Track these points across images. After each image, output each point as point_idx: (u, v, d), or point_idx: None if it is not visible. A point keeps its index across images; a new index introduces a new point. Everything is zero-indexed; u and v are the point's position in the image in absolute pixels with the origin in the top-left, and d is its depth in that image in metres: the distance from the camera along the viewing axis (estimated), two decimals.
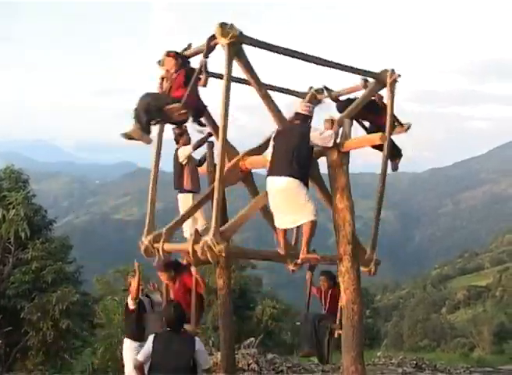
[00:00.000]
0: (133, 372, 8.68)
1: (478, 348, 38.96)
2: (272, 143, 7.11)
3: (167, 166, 8.89)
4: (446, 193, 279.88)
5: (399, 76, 7.92)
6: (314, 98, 8.57)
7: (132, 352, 8.75)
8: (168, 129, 8.27)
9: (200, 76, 7.05)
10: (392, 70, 7.92)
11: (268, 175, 6.96)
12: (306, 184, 6.86)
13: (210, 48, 7.03)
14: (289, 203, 6.79)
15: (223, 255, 6.35)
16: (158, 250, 7.66)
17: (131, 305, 8.85)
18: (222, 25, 6.57)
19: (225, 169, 7.40)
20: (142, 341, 8.86)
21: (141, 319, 8.88)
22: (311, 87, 9.05)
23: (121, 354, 14.62)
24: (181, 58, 7.55)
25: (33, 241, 18.38)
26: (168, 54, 7.58)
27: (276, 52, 7.19)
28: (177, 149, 8.43)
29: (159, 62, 7.91)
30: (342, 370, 7.37)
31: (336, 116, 7.65)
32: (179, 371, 6.11)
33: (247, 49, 6.91)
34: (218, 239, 6.40)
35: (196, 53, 7.59)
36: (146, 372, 6.25)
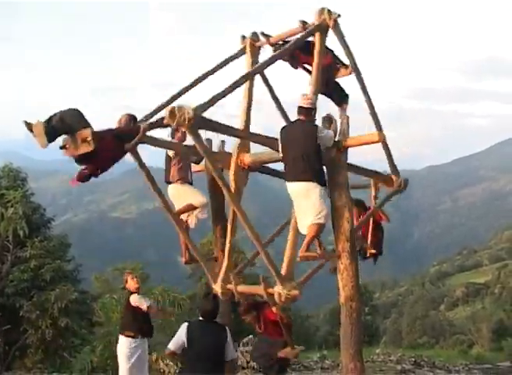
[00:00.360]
0: (127, 371, 8.82)
1: (476, 345, 39.05)
2: (279, 141, 7.12)
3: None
4: (444, 190, 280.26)
5: (338, 15, 7.56)
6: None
7: (128, 349, 8.82)
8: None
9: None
10: (329, 11, 7.55)
11: (286, 180, 7.08)
12: (322, 183, 6.94)
13: (162, 125, 6.97)
14: (307, 205, 6.88)
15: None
16: (233, 292, 7.80)
17: (141, 304, 8.87)
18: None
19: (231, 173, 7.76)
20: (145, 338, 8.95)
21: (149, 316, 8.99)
22: (244, 37, 8.58)
23: None
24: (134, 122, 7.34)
25: (31, 240, 18.39)
26: (128, 114, 7.40)
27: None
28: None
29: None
30: (341, 367, 7.36)
31: (334, 113, 7.62)
32: (216, 359, 6.37)
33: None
34: (287, 287, 6.83)
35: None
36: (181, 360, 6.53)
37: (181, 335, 6.37)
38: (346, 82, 8.13)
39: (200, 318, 6.59)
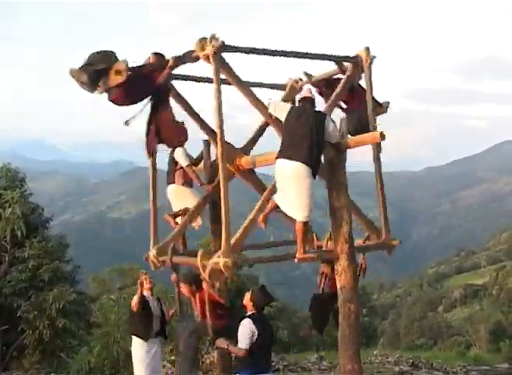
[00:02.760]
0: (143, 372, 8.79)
1: (474, 346, 39.06)
2: (285, 119, 7.05)
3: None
4: (443, 191, 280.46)
5: (374, 57, 7.79)
6: (293, 89, 8.26)
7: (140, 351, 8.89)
8: None
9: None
10: (367, 49, 7.79)
11: (278, 157, 6.85)
12: (315, 174, 6.79)
13: (190, 58, 7.12)
14: (294, 192, 6.69)
15: (235, 276, 6.33)
16: (164, 262, 7.84)
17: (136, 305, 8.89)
18: (201, 40, 6.75)
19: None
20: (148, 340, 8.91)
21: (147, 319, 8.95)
22: (290, 78, 8.68)
23: (117, 353, 14.71)
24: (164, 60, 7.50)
25: (29, 240, 18.39)
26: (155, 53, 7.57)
27: (257, 54, 7.24)
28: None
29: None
30: (338, 369, 7.36)
31: (334, 116, 7.63)
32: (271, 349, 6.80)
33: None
34: (229, 260, 6.43)
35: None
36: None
37: (252, 331, 6.45)
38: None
39: (253, 311, 6.66)
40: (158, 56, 7.38)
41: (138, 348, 8.96)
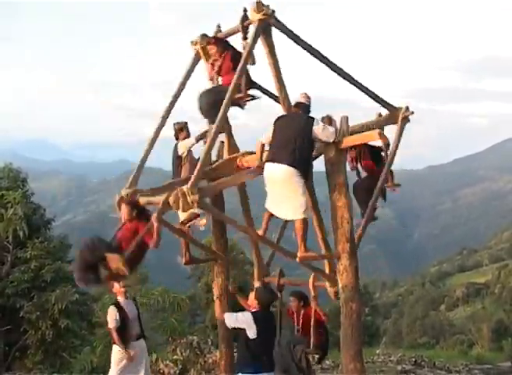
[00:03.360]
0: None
1: (477, 345, 38.93)
2: (272, 128, 7.08)
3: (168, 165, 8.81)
4: (444, 190, 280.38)
5: (412, 113, 7.96)
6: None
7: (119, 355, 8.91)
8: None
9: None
10: (407, 108, 7.97)
11: (267, 160, 6.94)
12: (305, 176, 6.83)
13: (244, 28, 7.28)
14: (285, 194, 6.76)
15: (195, 205, 6.16)
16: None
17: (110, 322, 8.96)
18: (258, 2, 6.90)
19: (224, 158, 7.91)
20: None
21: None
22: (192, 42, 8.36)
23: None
24: (222, 43, 7.86)
25: (31, 240, 18.37)
26: (209, 42, 7.84)
27: (301, 46, 7.36)
28: (176, 144, 8.39)
29: (193, 42, 8.22)
30: (341, 368, 7.37)
31: (334, 115, 7.62)
32: (272, 348, 6.87)
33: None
34: (194, 190, 6.20)
35: (226, 35, 8.03)
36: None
37: (249, 323, 6.57)
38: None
39: (257, 309, 6.76)
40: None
41: (117, 352, 8.97)
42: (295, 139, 6.75)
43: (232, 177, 7.54)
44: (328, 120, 7.30)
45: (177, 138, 8.38)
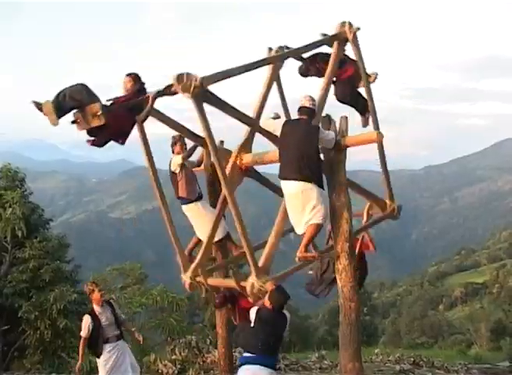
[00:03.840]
0: None
1: (475, 344, 39.02)
2: (280, 137, 7.12)
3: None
4: (442, 190, 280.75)
5: (358, 29, 7.86)
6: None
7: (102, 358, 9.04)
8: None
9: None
10: (350, 24, 7.83)
11: (280, 177, 7.05)
12: (320, 185, 6.93)
13: (169, 92, 6.90)
14: (303, 206, 6.85)
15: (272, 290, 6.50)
16: (202, 284, 7.82)
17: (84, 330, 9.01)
18: (179, 78, 6.24)
19: (227, 171, 7.50)
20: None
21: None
22: (270, 49, 8.36)
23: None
24: (139, 83, 7.30)
25: (30, 240, 18.36)
26: (129, 74, 7.38)
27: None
28: (171, 159, 8.29)
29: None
30: (339, 368, 7.36)
31: (333, 114, 7.60)
32: (275, 345, 6.64)
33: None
34: (262, 279, 6.74)
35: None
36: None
37: (252, 317, 6.60)
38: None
39: (267, 307, 6.68)
40: (134, 78, 7.20)
41: (98, 361, 9.14)
42: (301, 153, 6.81)
43: (275, 233, 7.42)
44: (328, 120, 7.29)
45: (173, 152, 8.32)
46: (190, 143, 8.22)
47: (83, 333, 8.93)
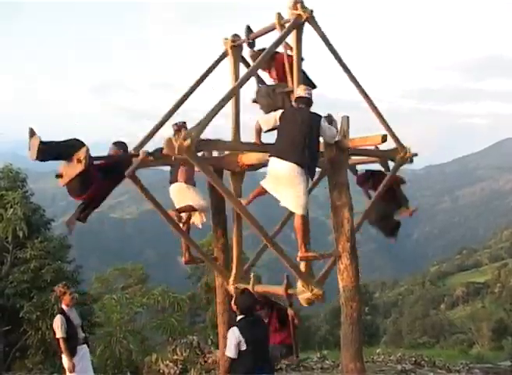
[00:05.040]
0: None
1: (477, 344, 39.02)
2: (278, 121, 6.98)
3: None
4: (443, 190, 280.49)
5: (312, 11, 7.43)
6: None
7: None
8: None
9: None
10: (302, 5, 7.43)
11: (272, 155, 6.82)
12: (311, 176, 6.84)
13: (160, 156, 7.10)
14: (286, 189, 6.67)
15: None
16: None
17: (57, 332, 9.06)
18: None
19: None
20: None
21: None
22: (225, 38, 8.39)
23: (120, 352, 14.74)
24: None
25: (31, 241, 18.37)
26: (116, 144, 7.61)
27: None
28: None
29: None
30: (341, 367, 7.35)
31: (334, 114, 7.57)
32: (267, 353, 6.70)
33: None
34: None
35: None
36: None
37: (237, 339, 6.41)
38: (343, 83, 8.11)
39: (241, 316, 6.65)
40: (119, 146, 7.39)
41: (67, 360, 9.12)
42: (304, 137, 6.65)
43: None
44: (329, 120, 7.26)
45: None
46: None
47: (60, 333, 8.95)
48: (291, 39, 7.48)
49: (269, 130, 7.18)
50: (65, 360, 9.10)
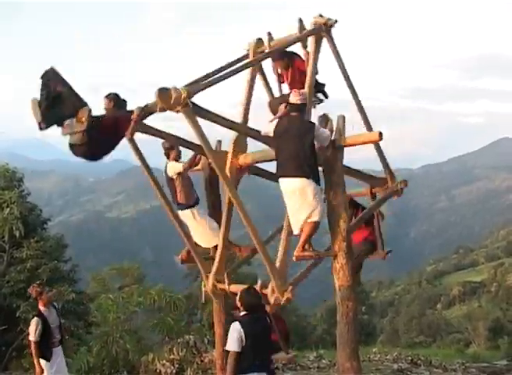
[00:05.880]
0: None
1: (473, 343, 39.11)
2: (273, 135, 7.05)
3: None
4: (440, 189, 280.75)
5: (335, 21, 7.72)
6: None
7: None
8: None
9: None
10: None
11: (279, 175, 6.99)
12: (317, 181, 6.89)
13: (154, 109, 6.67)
14: (303, 203, 6.82)
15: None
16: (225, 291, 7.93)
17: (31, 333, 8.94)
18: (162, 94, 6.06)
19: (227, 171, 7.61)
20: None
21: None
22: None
23: (116, 352, 14.70)
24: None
25: (28, 240, 18.36)
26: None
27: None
28: (167, 164, 8.15)
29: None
30: (337, 367, 7.36)
31: (331, 113, 7.59)
32: (269, 350, 6.56)
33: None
34: (281, 288, 6.85)
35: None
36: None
37: (240, 334, 6.33)
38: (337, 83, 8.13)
39: (244, 312, 6.58)
40: (112, 98, 7.22)
41: (44, 364, 9.01)
42: (299, 150, 6.77)
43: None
44: (325, 119, 7.27)
45: (168, 157, 8.23)
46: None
47: (33, 337, 8.83)
48: (310, 48, 7.70)
49: None
50: (43, 362, 8.98)
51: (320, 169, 7.17)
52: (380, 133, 7.22)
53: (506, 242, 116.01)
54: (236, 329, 6.36)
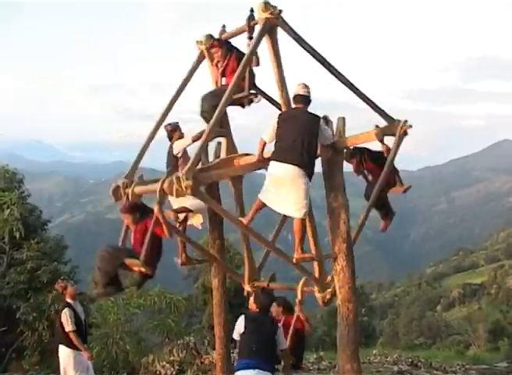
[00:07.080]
0: None
1: (473, 345, 39.04)
2: (274, 124, 6.97)
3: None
4: (440, 191, 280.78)
5: (410, 127, 7.65)
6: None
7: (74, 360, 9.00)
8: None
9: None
10: (405, 121, 7.68)
11: (273, 158, 6.84)
12: (310, 177, 6.78)
13: (251, 28, 7.37)
14: (288, 192, 6.68)
15: (188, 191, 6.10)
16: (128, 194, 7.57)
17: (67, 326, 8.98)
18: (265, 2, 6.96)
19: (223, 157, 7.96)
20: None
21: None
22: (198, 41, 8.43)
23: (116, 353, 14.70)
24: (226, 45, 8.01)
25: (28, 241, 18.35)
26: (212, 44, 8.01)
27: (305, 49, 7.35)
28: (171, 145, 8.21)
29: (198, 41, 8.30)
30: (337, 368, 7.37)
31: (330, 115, 7.55)
32: (268, 348, 6.52)
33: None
34: (189, 176, 6.15)
35: (232, 35, 8.11)
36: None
37: (240, 325, 6.54)
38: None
39: (255, 310, 6.76)
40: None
41: (71, 356, 9.02)
42: (303, 139, 6.69)
43: (230, 169, 7.74)
44: (326, 121, 7.26)
45: (171, 139, 8.24)
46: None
47: (70, 327, 8.87)
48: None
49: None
50: (71, 355, 8.94)
51: (320, 170, 7.19)
52: (376, 132, 7.26)
53: (506, 244, 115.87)
54: (241, 320, 6.56)
